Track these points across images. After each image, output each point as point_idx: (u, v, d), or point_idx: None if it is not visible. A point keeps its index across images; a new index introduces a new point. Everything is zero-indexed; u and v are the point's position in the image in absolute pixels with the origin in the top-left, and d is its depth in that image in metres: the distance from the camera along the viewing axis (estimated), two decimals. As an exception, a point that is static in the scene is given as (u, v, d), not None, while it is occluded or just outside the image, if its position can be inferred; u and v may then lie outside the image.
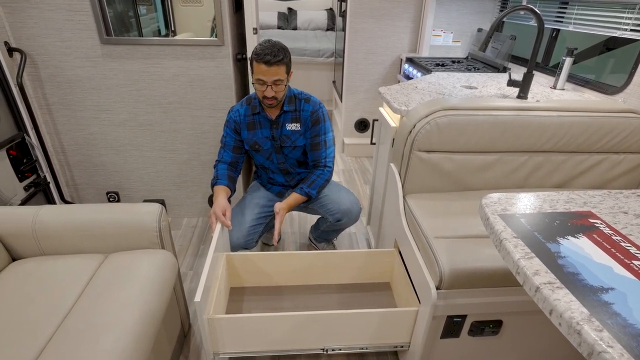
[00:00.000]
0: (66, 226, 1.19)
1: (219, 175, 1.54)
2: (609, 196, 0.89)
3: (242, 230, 1.54)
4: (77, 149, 1.99)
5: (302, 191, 1.54)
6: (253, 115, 1.54)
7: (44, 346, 0.90)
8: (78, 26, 1.69)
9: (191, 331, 1.51)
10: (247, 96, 1.58)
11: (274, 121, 1.53)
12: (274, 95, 1.41)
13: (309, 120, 1.55)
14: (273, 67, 1.34)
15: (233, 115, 1.55)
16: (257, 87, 1.41)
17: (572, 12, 1.79)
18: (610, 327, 0.53)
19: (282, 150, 1.59)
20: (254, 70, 1.38)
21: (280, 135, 1.56)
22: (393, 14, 2.56)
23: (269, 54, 1.33)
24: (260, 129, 1.55)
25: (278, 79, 1.38)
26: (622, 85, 1.51)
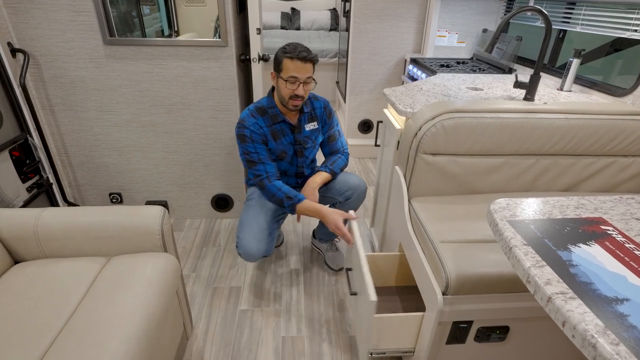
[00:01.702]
0: (68, 229, 1.18)
1: (288, 193, 1.44)
2: (620, 202, 0.87)
3: (262, 240, 1.50)
4: (80, 150, 1.98)
5: (327, 168, 1.58)
6: (274, 124, 1.49)
7: (46, 349, 0.89)
8: (81, 27, 1.68)
9: (193, 334, 1.50)
10: (254, 108, 1.49)
11: (295, 126, 1.53)
12: (303, 95, 1.40)
13: (324, 115, 1.58)
14: (308, 64, 1.35)
15: (254, 128, 1.45)
16: (286, 87, 1.37)
17: (580, 12, 1.77)
18: (626, 341, 0.51)
19: (304, 153, 1.59)
20: (285, 68, 1.35)
21: (302, 137, 1.55)
22: (397, 15, 2.54)
23: (304, 51, 1.34)
24: (284, 137, 1.52)
25: (309, 77, 1.38)
26: (631, 87, 1.49)
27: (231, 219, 2.23)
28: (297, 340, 1.48)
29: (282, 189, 1.45)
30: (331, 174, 1.59)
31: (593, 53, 2.04)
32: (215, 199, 2.16)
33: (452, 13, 2.49)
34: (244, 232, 1.50)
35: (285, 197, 1.44)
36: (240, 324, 1.54)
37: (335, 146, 1.65)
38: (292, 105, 1.42)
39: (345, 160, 1.65)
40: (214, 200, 2.16)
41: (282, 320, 1.57)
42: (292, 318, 1.58)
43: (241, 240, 1.49)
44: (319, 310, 1.62)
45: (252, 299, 1.67)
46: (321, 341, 1.48)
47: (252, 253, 1.46)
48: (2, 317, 0.96)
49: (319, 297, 1.69)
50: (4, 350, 0.88)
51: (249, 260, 1.50)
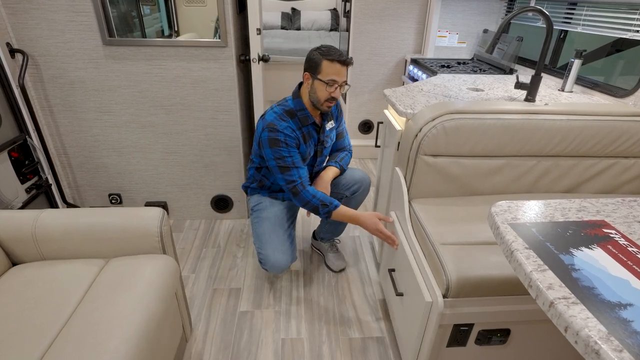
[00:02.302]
0: (67, 230, 1.17)
1: (324, 199, 1.42)
2: (622, 204, 0.86)
3: (288, 250, 1.50)
4: (79, 151, 1.97)
5: (337, 164, 1.61)
6: (303, 127, 1.47)
7: (45, 351, 0.88)
8: (80, 27, 1.68)
9: (193, 336, 1.49)
10: (282, 110, 1.44)
11: (320, 126, 1.52)
12: (338, 98, 1.41)
13: (336, 113, 1.60)
14: (345, 67, 1.36)
15: (288, 132, 1.41)
16: (324, 89, 1.36)
17: (581, 13, 1.76)
18: (630, 347, 0.50)
19: (322, 152, 1.59)
20: (324, 70, 1.34)
21: (324, 137, 1.55)
22: (398, 15, 2.53)
23: (344, 54, 1.35)
24: (310, 139, 1.51)
25: (345, 81, 1.39)
26: (633, 88, 1.48)
27: (231, 219, 2.22)
28: (297, 342, 1.47)
29: (316, 196, 1.43)
30: (340, 170, 1.61)
31: (594, 54, 2.03)
32: (215, 200, 2.15)
33: (453, 13, 2.48)
34: (266, 248, 1.49)
35: (321, 204, 1.42)
36: (240, 326, 1.54)
37: (343, 143, 1.67)
38: (327, 106, 1.42)
39: (350, 157, 1.69)
40: (213, 201, 2.16)
41: (281, 322, 1.56)
42: (291, 320, 1.57)
43: (266, 256, 1.49)
44: (318, 312, 1.61)
45: (251, 300, 1.66)
46: (321, 343, 1.47)
47: (279, 266, 1.48)
48: (1, 319, 0.95)
49: (319, 298, 1.68)
50: (3, 352, 0.87)
51: (277, 272, 1.52)
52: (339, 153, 1.66)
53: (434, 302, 1.06)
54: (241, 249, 1.98)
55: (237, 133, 1.97)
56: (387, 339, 1.49)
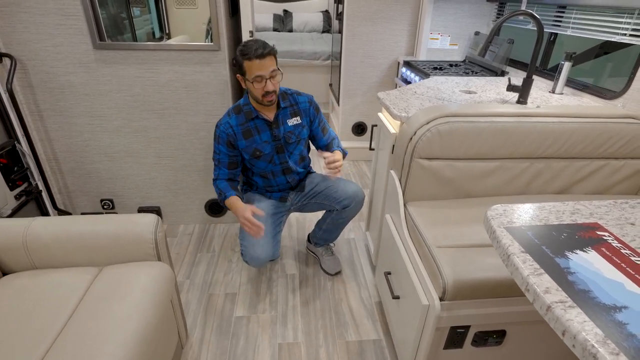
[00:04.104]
0: (59, 239, 1.15)
1: (222, 190, 1.52)
2: (614, 207, 0.87)
3: (268, 245, 1.50)
4: (70, 156, 1.95)
5: (340, 148, 1.62)
6: (248, 122, 1.49)
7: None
8: (70, 31, 1.65)
9: (188, 343, 1.48)
10: (233, 107, 1.52)
11: (272, 122, 1.51)
12: (274, 89, 1.40)
13: (310, 109, 1.58)
14: (266, 59, 1.34)
15: (223, 128, 1.48)
16: (255, 87, 1.38)
17: (570, 16, 1.79)
18: (627, 350, 0.51)
19: (287, 148, 1.57)
20: (247, 70, 1.36)
21: (284, 132, 1.53)
22: (390, 17, 2.54)
23: (259, 47, 1.33)
24: (258, 135, 1.51)
25: (274, 70, 1.37)
26: (621, 90, 1.51)
27: (225, 224, 2.21)
28: (294, 346, 1.47)
29: (219, 186, 1.52)
30: (343, 154, 1.61)
31: (583, 56, 2.07)
32: (209, 204, 2.14)
33: (445, 16, 2.50)
34: (247, 240, 1.50)
35: (219, 192, 1.51)
36: (236, 332, 1.53)
37: (329, 137, 1.67)
38: (267, 101, 1.42)
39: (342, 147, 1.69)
40: (207, 205, 2.14)
41: (278, 326, 1.55)
42: (288, 324, 1.57)
43: (246, 248, 1.50)
44: (315, 315, 1.61)
45: (247, 305, 1.66)
46: (318, 347, 1.47)
47: (257, 259, 1.48)
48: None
49: (315, 302, 1.68)
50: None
51: (255, 266, 1.53)
52: (333, 141, 1.66)
53: (430, 305, 1.06)
54: (236, 253, 1.97)
55: (230, 137, 1.96)
56: (384, 342, 1.49)
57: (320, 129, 1.64)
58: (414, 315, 1.14)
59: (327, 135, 1.66)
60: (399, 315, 1.32)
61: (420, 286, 1.13)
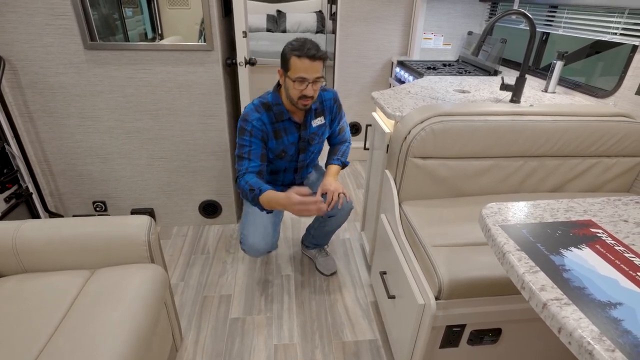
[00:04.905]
0: (49, 241, 1.13)
1: (253, 185, 1.34)
2: (607, 204, 0.88)
3: (268, 236, 1.49)
4: (61, 158, 1.92)
5: (339, 162, 1.57)
6: (278, 122, 1.41)
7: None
8: (60, 31, 1.63)
9: (183, 345, 1.46)
10: (259, 102, 1.41)
11: (301, 124, 1.46)
12: (313, 95, 1.32)
13: (334, 107, 1.52)
14: (316, 62, 1.27)
15: (257, 124, 1.37)
16: (294, 87, 1.30)
17: (562, 15, 1.80)
18: (622, 347, 0.51)
19: (308, 149, 1.52)
20: (292, 67, 1.27)
21: (309, 134, 1.48)
22: (383, 17, 2.54)
23: (312, 48, 1.25)
24: (286, 136, 1.45)
25: (319, 77, 1.30)
26: (612, 88, 1.52)
27: (220, 225, 2.19)
28: (290, 347, 1.46)
29: (248, 182, 1.35)
30: (342, 166, 1.58)
31: (574, 55, 2.08)
32: (204, 206, 2.12)
33: (438, 16, 2.51)
34: (247, 229, 1.49)
35: (249, 188, 1.34)
36: (231, 333, 1.51)
37: (344, 137, 1.63)
38: (301, 105, 1.35)
39: (350, 146, 1.65)
40: (202, 206, 2.12)
41: (273, 328, 1.54)
42: (283, 325, 1.56)
43: (246, 237, 1.49)
44: (311, 316, 1.60)
45: (242, 307, 1.64)
46: (314, 348, 1.46)
47: (256, 249, 1.47)
48: (-21, 337, 0.91)
49: (311, 303, 1.67)
50: (-19, 373, 0.84)
51: (253, 256, 1.52)
52: (340, 146, 1.62)
53: (426, 304, 1.06)
54: (231, 254, 1.96)
55: (224, 137, 1.94)
56: (380, 342, 1.49)
57: (338, 129, 1.59)
58: (410, 314, 1.14)
59: (341, 136, 1.62)
60: (394, 315, 1.32)
61: (415, 285, 1.13)
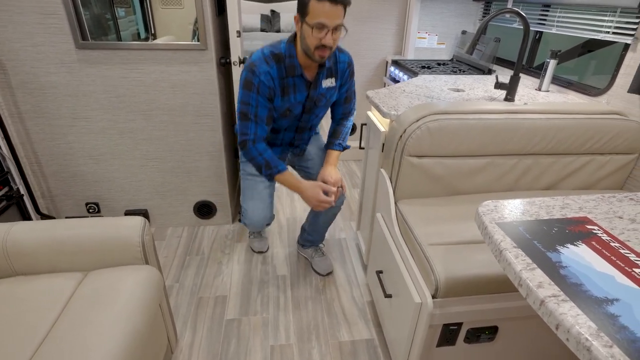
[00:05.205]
0: (41, 244, 1.12)
1: (270, 161, 1.30)
2: (602, 200, 0.88)
3: (267, 209, 1.51)
4: (53, 159, 1.89)
5: (340, 147, 1.52)
6: (287, 78, 1.29)
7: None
8: (51, 30, 1.61)
9: (178, 347, 1.45)
10: (270, 53, 1.28)
11: (312, 82, 1.33)
12: (331, 45, 1.20)
13: (346, 72, 1.41)
14: (338, 7, 1.13)
15: (265, 79, 1.24)
16: (312, 34, 1.17)
17: (555, 14, 1.82)
18: (620, 342, 0.51)
19: (314, 111, 1.41)
20: (312, 11, 1.14)
21: (317, 95, 1.36)
22: (378, 17, 2.55)
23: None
24: (294, 94, 1.31)
25: (340, 24, 1.18)
26: (605, 87, 1.53)
27: (215, 225, 2.18)
28: (286, 348, 1.45)
29: (263, 154, 1.30)
30: (342, 150, 1.53)
31: (567, 54, 2.10)
32: (198, 206, 2.11)
33: (432, 15, 2.52)
34: (247, 203, 1.52)
35: (265, 164, 1.31)
36: (227, 335, 1.50)
37: (348, 107, 1.52)
38: (318, 56, 1.22)
39: (352, 124, 1.58)
40: (196, 207, 2.11)
41: (270, 328, 1.54)
42: (280, 326, 1.55)
43: (245, 211, 1.52)
44: (307, 316, 1.59)
45: (238, 307, 1.63)
46: (311, 348, 1.45)
47: (258, 222, 1.52)
48: (-31, 342, 0.89)
49: (307, 303, 1.66)
50: (-29, 378, 0.82)
51: (254, 229, 1.58)
52: (342, 128, 1.53)
53: (423, 303, 1.06)
54: (226, 255, 1.94)
55: (219, 137, 1.93)
56: (376, 341, 1.48)
57: (345, 97, 1.48)
58: (407, 313, 1.14)
59: (347, 106, 1.51)
60: (391, 314, 1.31)
61: (412, 284, 1.13)
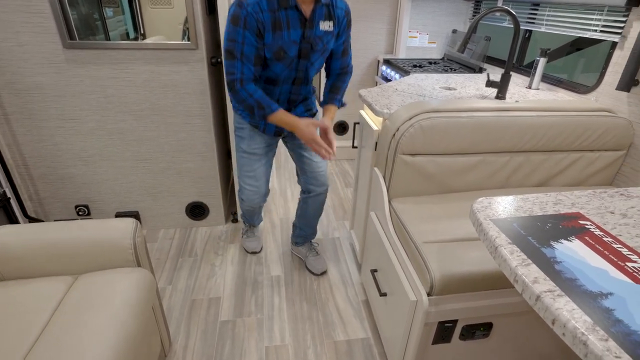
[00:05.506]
0: (30, 247, 1.09)
1: (260, 100, 1.22)
2: (594, 196, 0.89)
3: (263, 185, 1.53)
4: (41, 161, 1.85)
5: (339, 102, 1.47)
6: (279, 10, 1.19)
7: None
8: (37, 29, 1.57)
9: (172, 351, 1.43)
10: None
11: (308, 19, 1.25)
12: None
13: (344, 20, 1.35)
14: None
15: (252, 10, 1.15)
16: None
17: (544, 13, 1.84)
18: (615, 336, 0.52)
19: (311, 56, 1.31)
20: None
21: (314, 36, 1.28)
22: (369, 16, 2.55)
23: None
24: (287, 30, 1.22)
25: None
26: (594, 84, 1.55)
27: (207, 227, 2.16)
28: (281, 349, 1.44)
29: (254, 95, 1.24)
30: (339, 107, 1.48)
31: (556, 52, 2.13)
32: (190, 207, 2.08)
33: (423, 14, 2.53)
34: (244, 179, 1.55)
35: (257, 105, 1.24)
36: (222, 337, 1.49)
37: (346, 61, 1.47)
38: None
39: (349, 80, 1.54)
40: (188, 208, 2.09)
41: (264, 329, 1.52)
42: (274, 327, 1.54)
43: (242, 187, 1.57)
44: (302, 316, 1.59)
45: (232, 309, 1.62)
46: (306, 348, 1.45)
47: (255, 200, 1.59)
48: (-45, 350, 0.87)
49: (302, 303, 1.65)
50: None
51: (250, 206, 1.63)
52: (341, 84, 1.47)
53: (418, 300, 1.06)
54: (219, 256, 1.93)
55: (210, 138, 1.91)
56: (372, 340, 1.48)
57: (342, 49, 1.42)
58: (402, 311, 1.14)
59: (344, 60, 1.45)
60: (386, 313, 1.31)
61: (407, 282, 1.13)
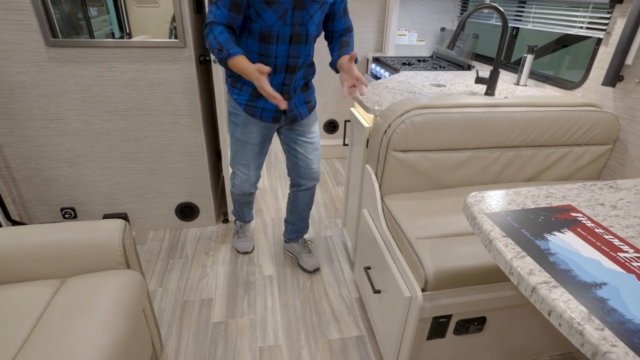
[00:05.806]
0: (14, 251, 1.06)
1: (223, 44, 1.17)
2: (584, 189, 0.90)
3: (252, 178, 1.56)
4: (24, 163, 1.80)
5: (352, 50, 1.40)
6: None
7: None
8: (18, 27, 1.53)
9: (163, 354, 1.40)
10: None
11: None
12: None
13: None
14: None
15: None
16: None
17: (531, 10, 1.86)
18: (610, 325, 0.52)
19: (307, 7, 1.23)
20: None
21: None
22: (358, 14, 2.55)
23: None
24: None
25: None
26: (580, 80, 1.58)
27: (198, 227, 2.13)
28: (275, 349, 1.43)
29: (218, 37, 1.19)
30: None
31: (543, 49, 2.16)
32: (180, 208, 2.05)
33: (411, 12, 2.54)
34: (236, 165, 1.57)
35: (219, 48, 1.18)
36: (214, 338, 1.47)
37: (348, 21, 1.44)
38: None
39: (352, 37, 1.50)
40: (178, 209, 2.05)
41: (257, 330, 1.51)
42: (268, 327, 1.52)
43: (234, 174, 1.61)
44: (295, 316, 1.58)
45: (224, 310, 1.60)
46: (300, 348, 1.44)
47: (246, 187, 1.63)
48: (-64, 358, 0.84)
49: (295, 302, 1.64)
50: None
51: (243, 190, 1.65)
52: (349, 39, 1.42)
53: (413, 296, 1.06)
54: (210, 257, 1.90)
55: (200, 137, 1.89)
56: (366, 337, 1.48)
57: (342, 8, 1.38)
58: (397, 308, 1.14)
59: (347, 19, 1.42)
60: (380, 310, 1.31)
61: (401, 278, 1.13)
